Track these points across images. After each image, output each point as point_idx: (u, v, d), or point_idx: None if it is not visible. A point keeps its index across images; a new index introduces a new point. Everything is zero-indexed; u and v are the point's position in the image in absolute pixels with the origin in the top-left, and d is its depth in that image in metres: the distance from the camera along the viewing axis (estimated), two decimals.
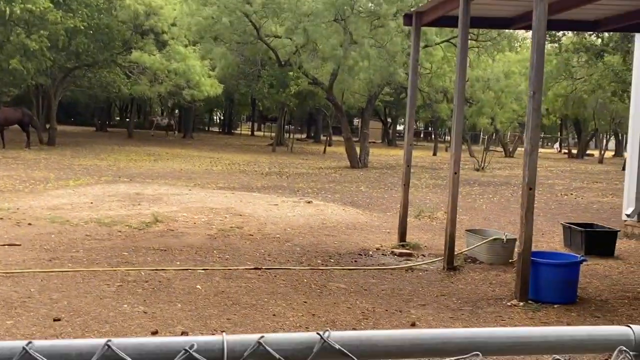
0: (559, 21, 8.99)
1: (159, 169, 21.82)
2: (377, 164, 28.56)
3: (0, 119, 26.81)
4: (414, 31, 9.56)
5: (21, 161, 21.60)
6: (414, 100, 9.67)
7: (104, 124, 52.33)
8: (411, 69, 9.59)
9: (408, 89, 9.68)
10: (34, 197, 13.03)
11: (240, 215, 11.69)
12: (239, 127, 74.19)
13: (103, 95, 40.18)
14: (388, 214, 13.05)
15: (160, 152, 30.48)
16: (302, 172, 23.19)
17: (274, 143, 40.02)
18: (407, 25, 9.85)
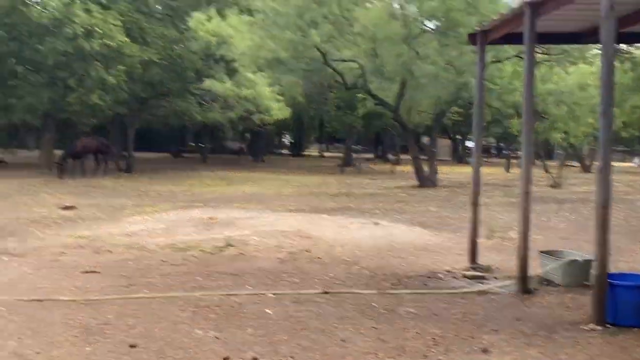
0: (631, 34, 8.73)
1: (231, 192, 22.27)
2: (446, 182, 28.21)
3: (79, 149, 28.07)
4: (479, 50, 9.48)
5: (100, 189, 22.49)
6: (481, 119, 9.55)
7: (179, 150, 53.96)
8: (477, 87, 9.49)
9: (474, 107, 9.57)
10: (113, 224, 13.54)
11: (309, 237, 11.78)
12: (308, 149, 74.84)
13: (177, 123, 41.47)
14: (458, 234, 12.85)
15: (232, 176, 31.12)
16: (370, 193, 23.17)
17: (342, 164, 40.21)
18: (472, 44, 9.76)
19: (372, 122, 44.35)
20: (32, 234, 12.01)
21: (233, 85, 28.70)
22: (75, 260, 9.57)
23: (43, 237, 11.63)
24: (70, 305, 7.00)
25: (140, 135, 50.07)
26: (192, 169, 35.62)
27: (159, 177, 28.93)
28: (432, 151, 28.15)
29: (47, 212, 15.44)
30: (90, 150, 28.86)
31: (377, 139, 63.89)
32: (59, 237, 11.61)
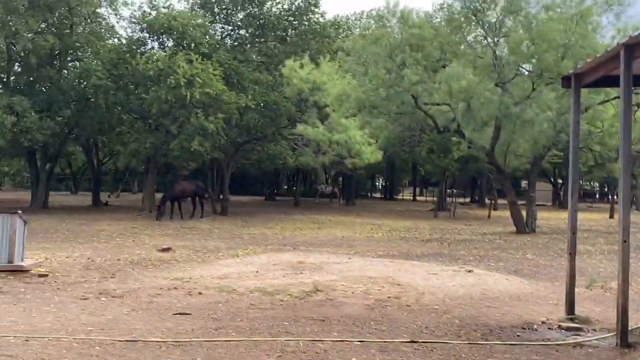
0: None
1: (321, 236, 22.39)
2: (546, 229, 27.20)
3: (177, 192, 29.19)
4: (573, 93, 9.19)
5: (196, 231, 23.20)
6: (576, 164, 9.20)
7: (273, 193, 55.03)
8: (572, 132, 9.18)
9: (570, 153, 9.24)
10: (205, 266, 13.90)
11: (398, 284, 11.62)
12: (401, 193, 74.37)
13: (271, 167, 42.41)
14: (556, 283, 12.31)
15: (323, 219, 31.33)
16: (464, 239, 22.65)
17: (436, 208, 39.65)
18: (566, 87, 9.49)
19: (467, 165, 43.62)
20: (131, 276, 12.50)
21: (325, 130, 29.10)
22: (169, 301, 9.86)
23: (141, 279, 12.08)
24: (161, 346, 7.20)
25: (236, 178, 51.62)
26: (284, 212, 36.17)
27: (252, 220, 29.55)
28: (531, 196, 27.26)
29: (146, 254, 16.06)
30: (187, 194, 29.93)
31: (474, 183, 62.70)
32: (156, 279, 12.02)
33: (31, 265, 12.63)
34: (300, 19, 36.30)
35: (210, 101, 28.90)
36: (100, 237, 20.18)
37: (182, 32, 30.90)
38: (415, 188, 72.00)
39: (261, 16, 35.39)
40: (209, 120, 28.20)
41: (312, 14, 36.59)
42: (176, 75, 27.62)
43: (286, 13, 36.43)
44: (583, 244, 20.34)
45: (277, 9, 36.30)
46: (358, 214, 36.61)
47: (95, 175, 42.94)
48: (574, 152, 9.18)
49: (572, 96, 9.29)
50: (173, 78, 27.61)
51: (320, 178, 65.50)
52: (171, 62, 28.42)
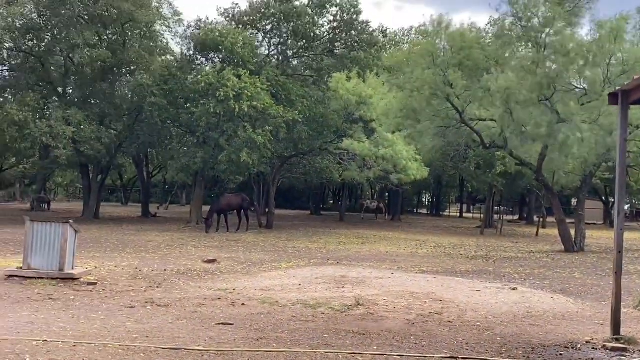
0: None
1: (365, 251, 22.39)
2: (595, 248, 26.59)
3: (224, 205, 29.60)
4: (620, 110, 9.07)
5: (242, 244, 23.49)
6: (623, 182, 9.04)
7: (318, 207, 55.21)
8: (619, 149, 9.03)
9: (616, 170, 9.09)
10: (249, 278, 14.08)
11: (441, 300, 11.56)
12: (448, 209, 73.63)
13: (317, 181, 42.62)
14: (603, 303, 12.06)
15: (368, 234, 31.30)
16: (511, 256, 22.33)
17: (482, 225, 39.15)
18: (613, 104, 9.35)
19: (515, 182, 42.99)
20: (177, 286, 12.76)
21: (371, 145, 29.17)
22: (212, 311, 10.04)
23: (186, 289, 12.32)
24: (204, 354, 7.35)
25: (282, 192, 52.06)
26: (329, 227, 36.27)
27: (297, 234, 29.72)
28: (580, 214, 26.70)
29: (192, 264, 16.35)
30: (234, 207, 30.32)
31: (522, 200, 61.68)
32: (200, 289, 12.25)
33: (81, 274, 13.02)
34: (347, 30, 36.59)
35: (257, 114, 29.33)
36: (148, 248, 20.62)
37: (230, 50, 31.49)
38: (462, 204, 71.20)
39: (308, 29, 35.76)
40: (256, 132, 28.61)
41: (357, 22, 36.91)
42: (225, 89, 28.14)
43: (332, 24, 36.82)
44: (633, 264, 19.82)
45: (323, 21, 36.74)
46: (403, 230, 36.44)
47: (145, 187, 43.92)
48: (620, 170, 9.03)
49: (619, 113, 9.16)
50: (222, 91, 28.13)
51: (366, 193, 65.43)
52: (220, 77, 28.98)
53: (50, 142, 29.90)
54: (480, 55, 23.70)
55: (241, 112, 28.32)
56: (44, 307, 9.98)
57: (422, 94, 23.77)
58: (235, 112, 28.31)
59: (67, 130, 29.29)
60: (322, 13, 36.84)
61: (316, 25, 36.52)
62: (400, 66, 26.94)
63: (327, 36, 37.48)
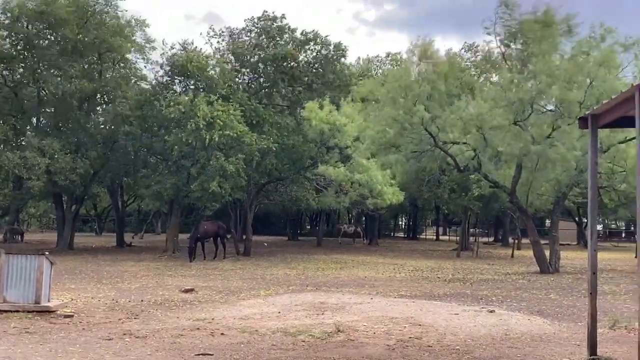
0: None
1: (344, 277, 22.39)
2: (570, 269, 26.90)
3: (201, 232, 29.43)
4: (590, 134, 9.29)
5: (219, 272, 23.35)
6: (595, 204, 9.24)
7: (295, 233, 55.14)
8: (590, 172, 9.24)
9: (589, 193, 9.29)
10: (228, 307, 14.00)
11: (420, 325, 11.61)
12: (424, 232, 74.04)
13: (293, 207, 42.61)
14: (579, 324, 12.21)
15: (346, 259, 31.31)
16: (487, 279, 22.50)
17: (459, 247, 39.41)
18: (583, 128, 9.59)
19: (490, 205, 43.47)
20: (155, 316, 12.64)
21: (346, 170, 29.33)
22: (192, 342, 9.97)
23: (164, 320, 12.21)
24: None
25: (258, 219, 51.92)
26: (307, 252, 36.22)
27: (275, 260, 29.64)
28: (554, 235, 27.04)
29: (169, 294, 16.21)
30: (210, 234, 30.18)
31: (497, 222, 62.28)
32: (178, 320, 12.15)
33: (57, 306, 12.85)
34: (327, 69, 36.58)
35: (231, 142, 29.31)
36: (124, 278, 20.41)
37: (206, 76, 31.53)
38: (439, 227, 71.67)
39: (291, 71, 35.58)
40: (229, 161, 28.55)
41: (338, 63, 36.97)
42: (196, 119, 28.11)
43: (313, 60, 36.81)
44: (607, 284, 20.10)
45: (305, 58, 36.70)
46: (381, 254, 36.52)
47: (120, 216, 43.50)
48: (592, 192, 9.23)
49: (589, 137, 9.39)
50: (193, 122, 28.09)
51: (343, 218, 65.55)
52: (193, 105, 28.96)
53: (23, 174, 29.56)
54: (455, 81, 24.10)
55: (212, 141, 28.27)
56: (20, 341, 9.83)
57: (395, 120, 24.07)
58: (206, 143, 28.25)
59: (42, 161, 29.00)
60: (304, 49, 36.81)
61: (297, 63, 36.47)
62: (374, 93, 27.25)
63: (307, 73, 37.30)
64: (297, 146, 32.89)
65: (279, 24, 36.02)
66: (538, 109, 22.57)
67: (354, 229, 51.19)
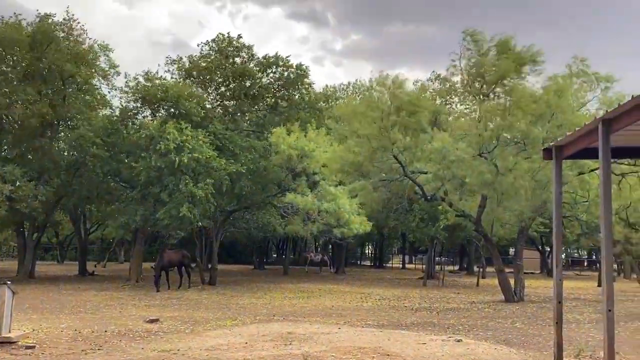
0: None
1: (311, 306, 22.26)
2: (534, 297, 27.19)
3: (165, 262, 29.01)
4: (554, 165, 9.49)
5: (184, 302, 23.02)
6: (559, 234, 9.40)
7: (262, 261, 54.76)
8: (554, 203, 9.42)
9: (553, 223, 9.45)
10: (194, 337, 13.78)
11: (388, 355, 11.56)
12: (391, 260, 74.26)
13: (260, 235, 42.38)
14: (545, 353, 12.31)
15: (313, 288, 31.17)
16: (454, 307, 22.60)
17: (425, 276, 39.57)
18: (547, 159, 9.79)
19: (455, 233, 43.85)
20: (119, 347, 12.37)
21: (314, 198, 29.37)
22: None
23: (128, 351, 11.96)
24: None
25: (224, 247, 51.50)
26: (273, 281, 35.97)
27: (241, 290, 29.35)
28: (518, 264, 27.37)
29: (133, 325, 15.91)
30: (174, 263, 29.80)
31: (462, 250, 62.81)
32: (143, 351, 11.91)
33: (18, 337, 12.49)
34: (290, 90, 37.11)
35: (199, 167, 29.12)
36: (87, 308, 19.98)
37: (175, 103, 31.43)
38: (405, 255, 71.94)
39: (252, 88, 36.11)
40: (197, 186, 28.34)
41: (301, 85, 37.45)
42: (166, 142, 27.92)
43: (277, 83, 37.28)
44: (571, 313, 20.35)
45: (267, 80, 37.17)
46: (348, 283, 36.45)
47: (82, 244, 42.71)
48: (557, 222, 9.39)
49: (553, 168, 9.59)
50: (163, 144, 27.89)
51: (310, 246, 65.38)
52: (161, 130, 28.79)
53: None
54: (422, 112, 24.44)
55: (182, 164, 28.07)
56: None
57: (365, 147, 24.25)
58: (176, 165, 28.04)
59: (4, 188, 28.40)
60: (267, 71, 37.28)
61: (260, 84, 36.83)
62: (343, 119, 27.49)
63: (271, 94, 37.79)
64: (268, 169, 32.93)
65: (235, 45, 36.45)
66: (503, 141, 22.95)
67: (320, 257, 51.09)
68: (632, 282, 39.26)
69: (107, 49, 35.31)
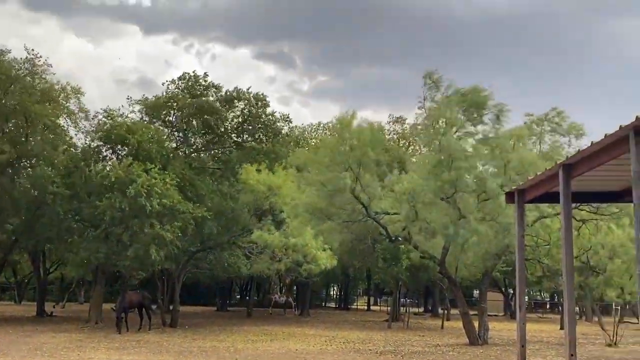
0: None
1: (275, 349, 21.92)
2: (498, 340, 27.23)
3: (125, 303, 28.36)
4: (517, 208, 9.63)
5: (144, 344, 22.46)
6: (523, 277, 9.48)
7: (225, 303, 53.93)
8: (517, 246, 9.53)
9: (516, 267, 9.54)
10: None
11: None
12: (356, 302, 73.89)
13: (224, 276, 41.83)
14: None
15: (277, 331, 30.74)
16: (418, 351, 22.47)
17: (390, 318, 39.40)
18: (510, 203, 9.94)
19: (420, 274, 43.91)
20: None
21: (281, 235, 29.24)
22: None
23: None
24: None
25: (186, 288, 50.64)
26: (236, 323, 35.41)
27: (203, 332, 28.79)
28: (482, 306, 27.47)
29: None
30: (134, 305, 29.19)
31: (427, 292, 62.82)
32: None
33: None
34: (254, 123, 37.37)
35: (165, 211, 28.80)
36: (44, 350, 19.34)
37: (138, 144, 31.20)
38: (370, 297, 71.67)
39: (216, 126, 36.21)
40: (164, 229, 27.96)
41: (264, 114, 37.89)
42: (135, 185, 27.58)
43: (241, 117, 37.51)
44: (535, 356, 20.40)
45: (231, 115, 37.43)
46: (312, 325, 36.07)
47: (41, 284, 41.60)
48: (519, 265, 9.48)
49: (515, 212, 9.72)
50: (132, 188, 27.53)
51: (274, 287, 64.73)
52: (128, 172, 28.45)
53: None
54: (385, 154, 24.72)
55: (153, 209, 27.74)
56: None
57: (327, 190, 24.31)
58: (147, 211, 27.67)
59: None
60: (230, 107, 37.54)
61: (225, 120, 37.03)
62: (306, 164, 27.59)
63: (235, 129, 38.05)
64: (234, 210, 32.73)
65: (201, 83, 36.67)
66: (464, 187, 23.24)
67: (285, 299, 50.58)
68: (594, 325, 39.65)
69: (78, 92, 35.07)
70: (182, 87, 36.81)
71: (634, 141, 6.37)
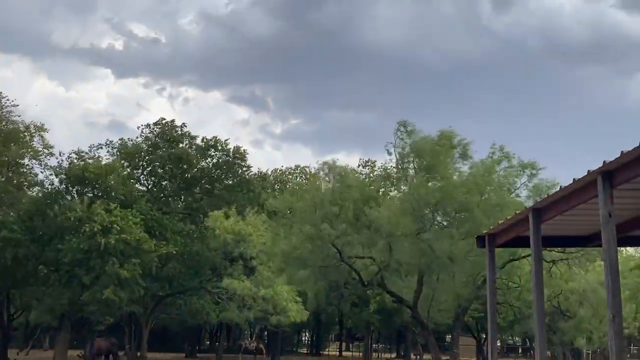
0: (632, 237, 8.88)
1: None
2: None
3: (94, 350, 27.63)
4: (487, 252, 9.64)
5: None
6: (494, 321, 9.44)
7: (194, 349, 52.78)
8: (488, 290, 9.51)
9: (488, 311, 9.51)
10: None
11: None
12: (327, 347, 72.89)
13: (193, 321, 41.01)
14: None
15: None
16: None
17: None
18: (481, 247, 9.96)
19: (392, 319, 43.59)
20: None
21: (251, 284, 28.86)
22: None
23: None
24: None
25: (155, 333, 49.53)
26: None
27: None
28: (455, 352, 27.32)
29: None
30: (102, 351, 28.46)
31: (399, 336, 62.29)
32: None
33: None
34: (227, 173, 37.13)
35: (129, 249, 28.27)
36: None
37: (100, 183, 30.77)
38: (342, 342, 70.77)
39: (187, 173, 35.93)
40: (123, 267, 27.38)
41: (238, 167, 37.61)
42: (92, 224, 27.13)
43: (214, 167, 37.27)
44: None
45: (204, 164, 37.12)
46: None
47: (5, 330, 40.31)
48: (491, 309, 9.45)
49: (487, 255, 9.74)
50: (88, 226, 27.08)
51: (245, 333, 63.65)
52: (89, 212, 28.00)
53: None
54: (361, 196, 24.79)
55: (109, 246, 27.20)
56: None
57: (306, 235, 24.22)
58: (101, 247, 27.14)
59: None
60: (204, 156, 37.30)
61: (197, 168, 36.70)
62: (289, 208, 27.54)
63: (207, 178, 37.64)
64: (200, 254, 32.26)
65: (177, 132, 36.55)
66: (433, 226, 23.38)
67: (255, 345, 49.65)
68: None
69: (42, 129, 34.58)
70: (157, 133, 36.58)
71: (602, 186, 6.46)
